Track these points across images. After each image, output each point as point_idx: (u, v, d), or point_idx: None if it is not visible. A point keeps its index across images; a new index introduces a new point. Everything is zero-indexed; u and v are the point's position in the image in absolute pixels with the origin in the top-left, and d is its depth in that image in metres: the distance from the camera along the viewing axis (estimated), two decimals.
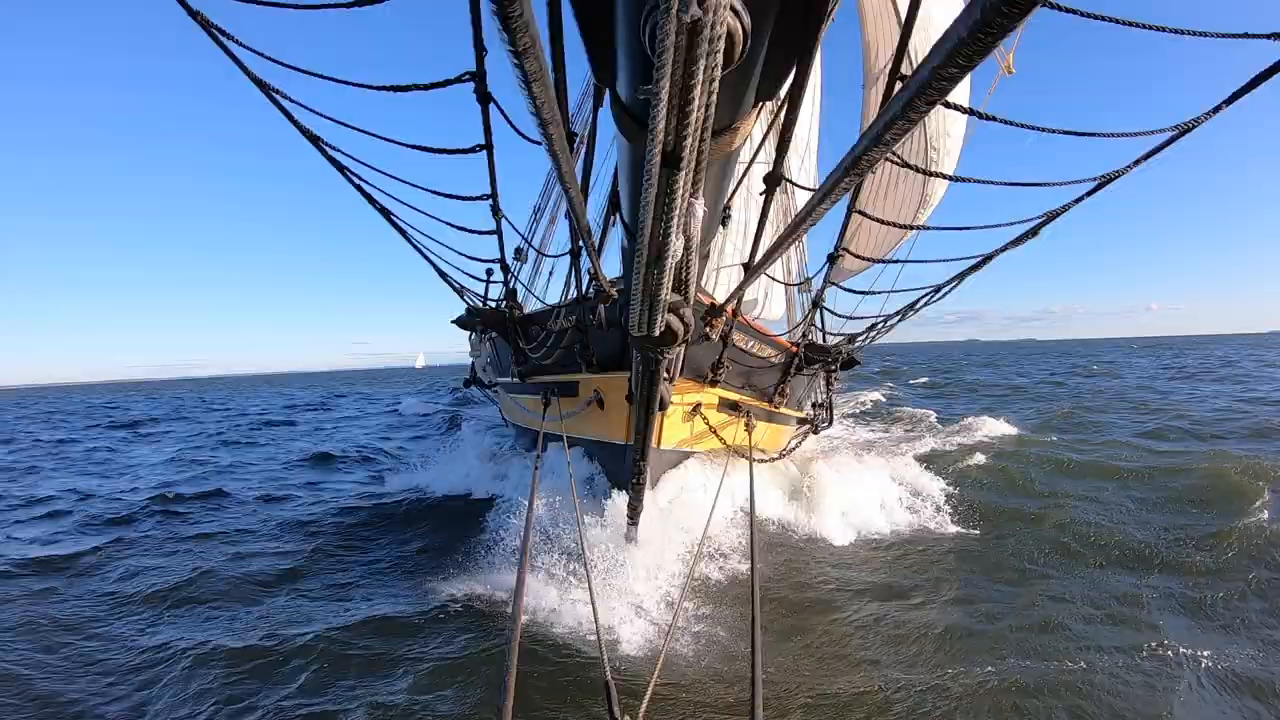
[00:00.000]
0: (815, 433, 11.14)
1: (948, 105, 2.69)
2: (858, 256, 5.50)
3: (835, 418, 11.88)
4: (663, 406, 5.31)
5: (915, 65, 1.04)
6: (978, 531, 7.30)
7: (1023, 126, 3.05)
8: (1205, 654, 4.38)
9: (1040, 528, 7.26)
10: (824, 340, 8.41)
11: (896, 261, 6.03)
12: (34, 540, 8.54)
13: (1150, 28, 2.57)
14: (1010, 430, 14.05)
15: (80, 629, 5.50)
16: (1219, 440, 12.03)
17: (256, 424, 25.82)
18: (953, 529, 7.39)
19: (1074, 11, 2.24)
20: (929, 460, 10.59)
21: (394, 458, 14.75)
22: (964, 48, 0.85)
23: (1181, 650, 4.44)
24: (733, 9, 1.20)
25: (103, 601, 6.09)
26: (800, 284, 11.71)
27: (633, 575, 5.44)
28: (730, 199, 2.77)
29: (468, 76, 2.87)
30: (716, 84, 1.21)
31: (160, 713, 4.17)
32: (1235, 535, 6.62)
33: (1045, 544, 6.73)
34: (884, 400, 23.49)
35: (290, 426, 24.14)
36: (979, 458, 10.75)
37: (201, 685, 4.41)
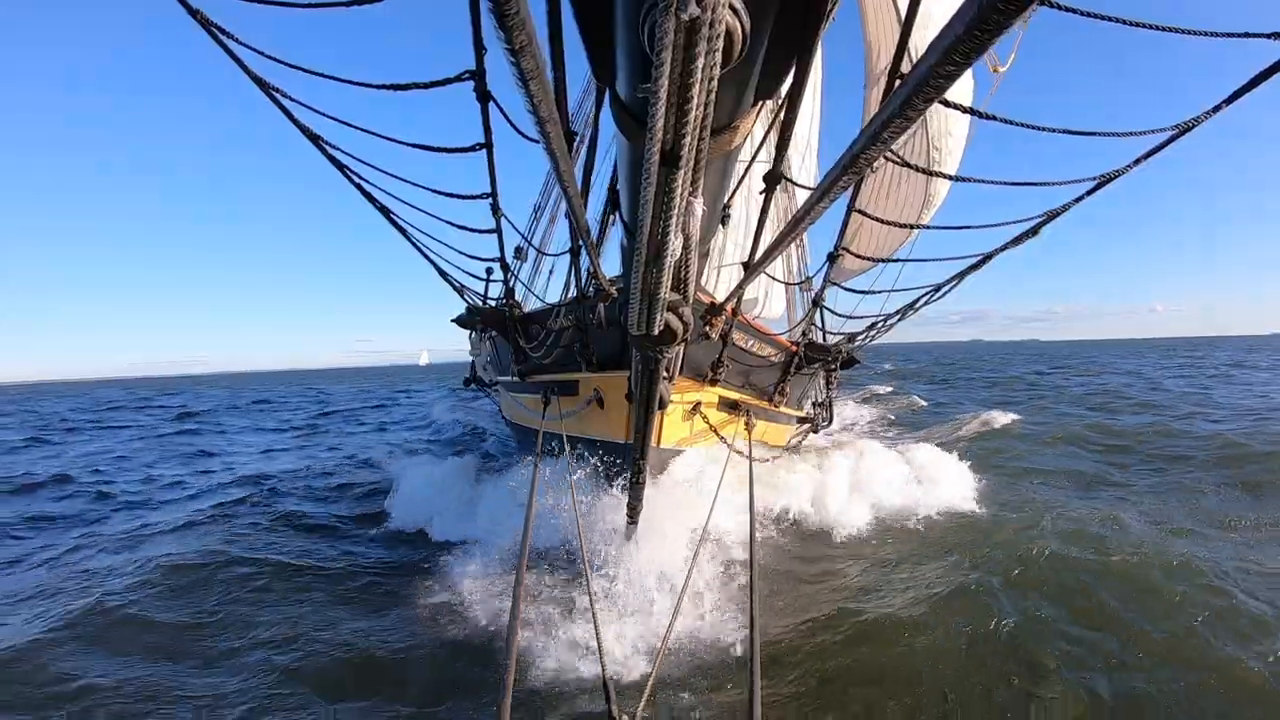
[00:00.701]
0: (815, 431, 11.15)
1: (946, 104, 2.69)
2: (857, 256, 5.50)
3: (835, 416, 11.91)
4: (662, 405, 5.31)
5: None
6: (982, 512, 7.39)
7: (1023, 126, 3.05)
8: None
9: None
10: (824, 339, 8.42)
11: (896, 260, 6.03)
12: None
13: (1150, 27, 2.57)
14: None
15: None
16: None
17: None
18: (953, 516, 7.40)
19: (1071, 10, 2.24)
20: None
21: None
22: (961, 45, 0.86)
23: None
24: (732, 8, 1.20)
25: None
26: (800, 283, 11.72)
27: (631, 573, 5.44)
28: (730, 198, 2.78)
29: (467, 75, 2.87)
30: (715, 82, 1.21)
31: None
32: None
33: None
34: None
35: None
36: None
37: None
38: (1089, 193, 3.21)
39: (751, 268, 2.91)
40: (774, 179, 3.27)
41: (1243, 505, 8.01)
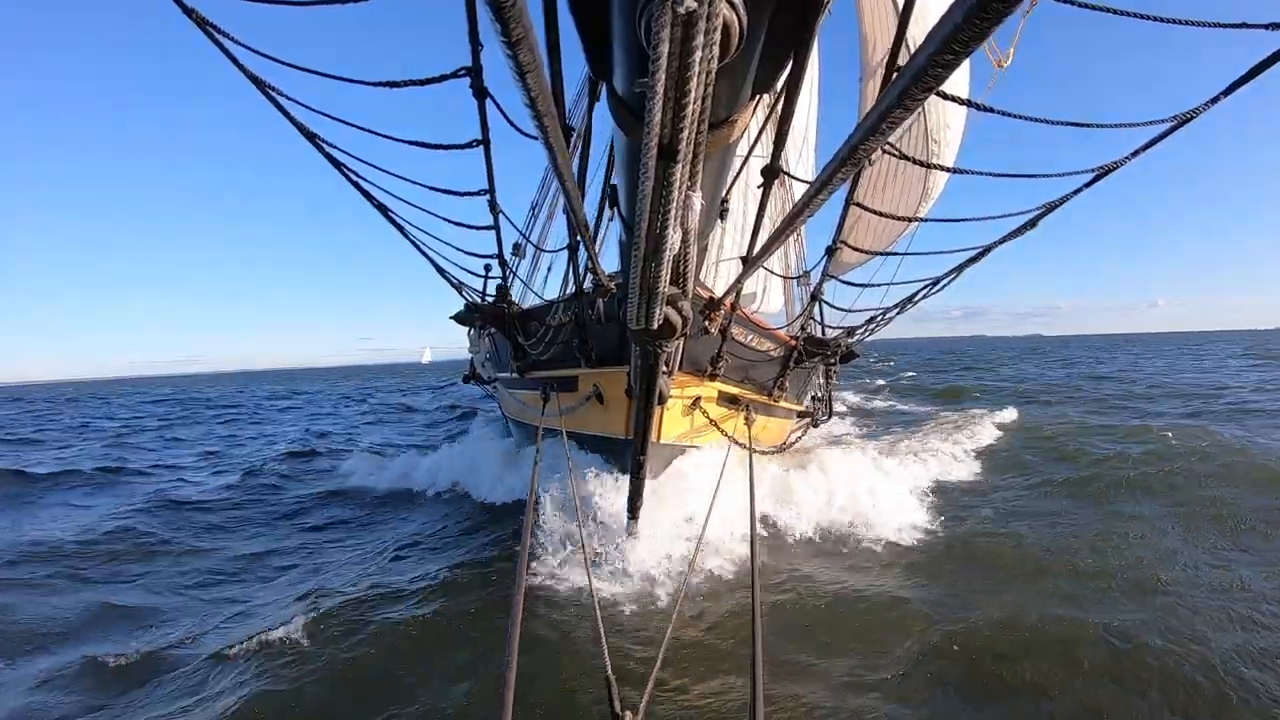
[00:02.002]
0: (815, 426, 11.17)
1: (943, 95, 2.68)
2: (855, 249, 5.50)
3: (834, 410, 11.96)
4: (662, 400, 5.32)
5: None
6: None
7: (1021, 118, 3.04)
8: None
9: None
10: (823, 333, 8.42)
11: (894, 254, 6.03)
12: None
13: (1146, 18, 2.56)
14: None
15: None
16: None
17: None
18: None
19: (1070, 1, 2.23)
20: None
21: None
22: (960, 34, 0.85)
23: None
24: (729, 1, 1.20)
25: None
26: (799, 277, 11.73)
27: (633, 569, 5.45)
28: (729, 192, 2.77)
29: (463, 71, 2.86)
30: (713, 76, 1.21)
31: None
32: None
33: None
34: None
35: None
36: None
37: None
38: (1087, 184, 3.21)
39: (750, 262, 2.91)
40: (772, 173, 3.26)
41: None
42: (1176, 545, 6.25)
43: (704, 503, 4.60)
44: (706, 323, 5.61)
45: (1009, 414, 15.20)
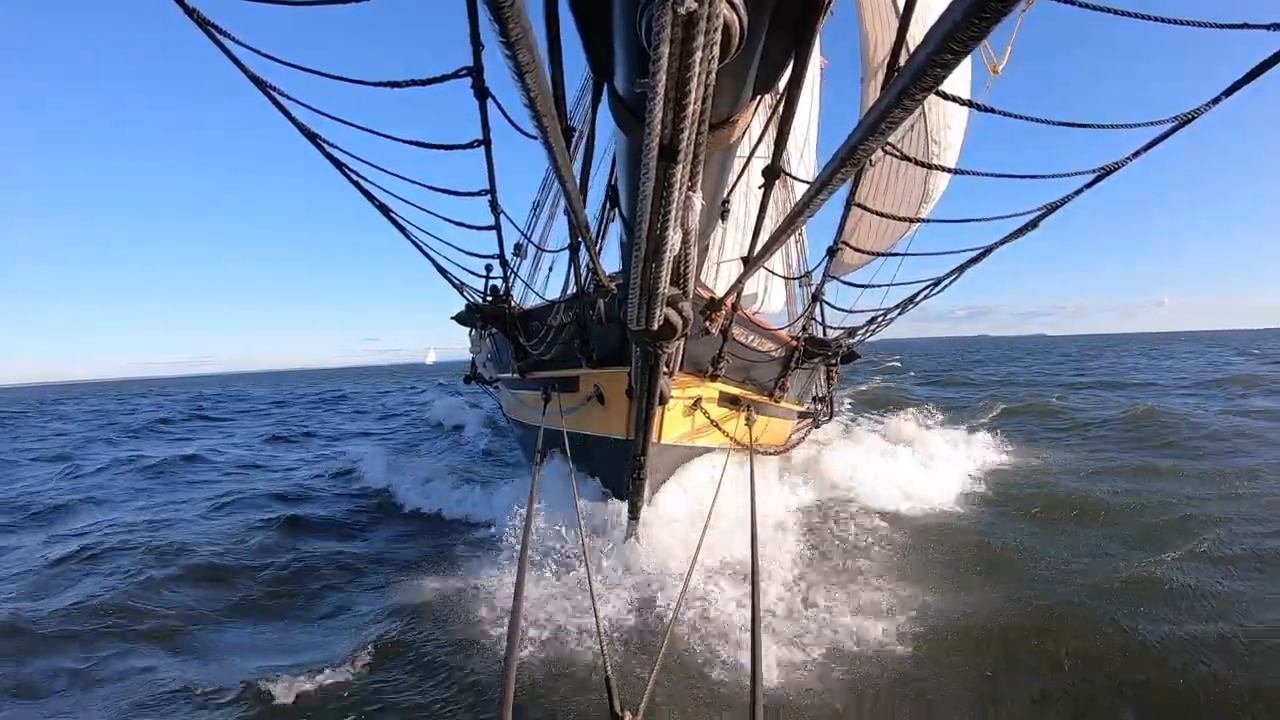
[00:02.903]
0: (816, 426, 11.16)
1: (942, 95, 2.67)
2: (857, 250, 5.49)
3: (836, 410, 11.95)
4: (663, 401, 5.32)
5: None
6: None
7: (1022, 118, 3.03)
8: None
9: None
10: (824, 334, 8.42)
11: (895, 254, 6.02)
12: None
13: (1147, 18, 2.56)
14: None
15: None
16: None
17: None
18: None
19: (1070, 1, 2.23)
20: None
21: None
22: (958, 33, 0.85)
23: None
24: (729, 2, 1.20)
25: None
26: (800, 278, 11.72)
27: (633, 570, 5.45)
28: (730, 193, 2.77)
29: (465, 72, 2.86)
30: (713, 76, 1.21)
31: None
32: None
33: None
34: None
35: None
36: None
37: None
38: (1088, 185, 3.20)
39: (751, 262, 2.91)
40: (773, 173, 3.26)
41: None
42: None
43: (705, 503, 4.60)
44: (707, 323, 5.61)
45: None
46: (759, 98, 1.76)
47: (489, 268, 7.01)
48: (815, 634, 4.66)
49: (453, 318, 8.26)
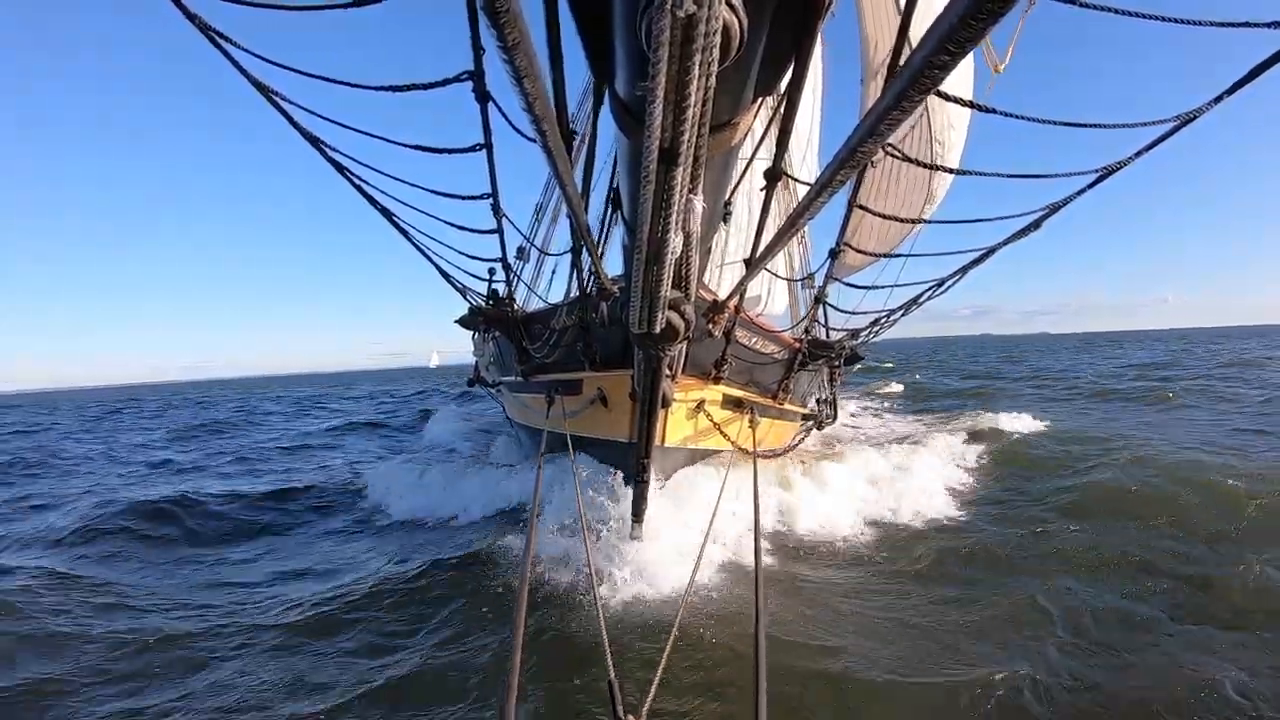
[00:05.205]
0: (820, 429, 11.12)
1: (942, 95, 2.67)
2: (859, 251, 5.49)
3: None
4: (665, 404, 5.31)
5: None
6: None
7: (1023, 118, 3.03)
8: None
9: None
10: (827, 335, 8.40)
11: (897, 255, 6.01)
12: None
13: (1147, 17, 2.55)
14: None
15: None
16: None
17: None
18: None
19: (1070, 0, 2.23)
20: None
21: None
22: (956, 34, 0.85)
23: None
24: (729, 4, 1.20)
25: None
26: (803, 280, 11.70)
27: (637, 572, 5.43)
28: (732, 195, 2.77)
29: (466, 76, 2.87)
30: (713, 79, 1.22)
31: None
32: None
33: None
34: None
35: None
36: None
37: None
38: (1091, 185, 3.19)
39: (753, 264, 2.90)
40: (775, 176, 3.26)
41: None
42: None
43: (709, 506, 4.58)
44: (710, 325, 5.61)
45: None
46: (760, 100, 1.76)
47: (492, 271, 7.02)
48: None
49: (456, 321, 8.27)
